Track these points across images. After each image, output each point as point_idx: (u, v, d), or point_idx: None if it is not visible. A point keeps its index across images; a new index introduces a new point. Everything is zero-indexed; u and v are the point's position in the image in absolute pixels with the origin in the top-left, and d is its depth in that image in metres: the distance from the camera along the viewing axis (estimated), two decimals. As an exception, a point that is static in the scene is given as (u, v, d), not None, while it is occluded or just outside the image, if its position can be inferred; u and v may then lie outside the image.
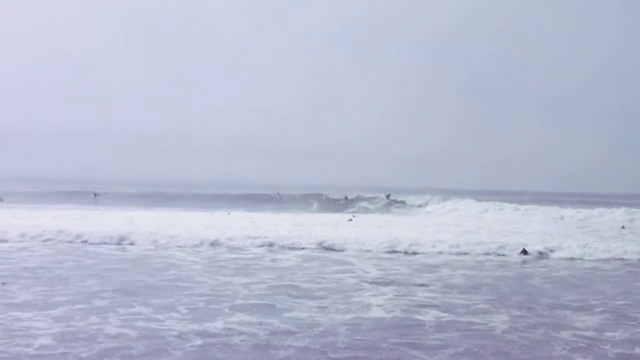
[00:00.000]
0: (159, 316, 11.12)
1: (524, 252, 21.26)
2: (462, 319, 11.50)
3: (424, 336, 10.24)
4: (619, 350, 9.51)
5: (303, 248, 21.37)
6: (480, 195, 63.49)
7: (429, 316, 11.69)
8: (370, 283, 15.29)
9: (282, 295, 13.32)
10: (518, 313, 12.14)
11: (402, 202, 52.01)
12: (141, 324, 10.55)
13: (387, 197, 54.28)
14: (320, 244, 21.71)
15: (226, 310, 11.76)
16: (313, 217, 37.60)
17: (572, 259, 20.48)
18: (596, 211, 44.23)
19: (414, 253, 20.93)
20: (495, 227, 32.29)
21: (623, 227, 36.01)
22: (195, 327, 10.43)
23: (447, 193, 59.15)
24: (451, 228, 30.56)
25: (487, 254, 21.11)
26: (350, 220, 34.91)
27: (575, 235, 28.33)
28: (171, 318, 11.01)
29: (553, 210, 45.16)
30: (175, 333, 10.00)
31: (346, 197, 53.14)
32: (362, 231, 25.96)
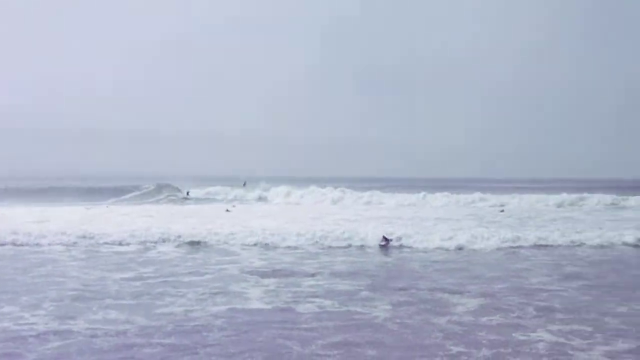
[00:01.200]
0: (25, 314, 10.63)
1: (385, 239, 20.71)
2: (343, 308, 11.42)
3: (304, 326, 10.09)
4: (493, 337, 9.54)
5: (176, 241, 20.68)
6: (376, 182, 64.43)
7: (310, 306, 11.55)
8: (253, 274, 15.05)
9: (158, 289, 12.93)
10: (400, 299, 12.14)
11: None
12: (4, 324, 10.04)
13: (244, 185, 54.45)
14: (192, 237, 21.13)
15: (94, 307, 11.25)
16: (190, 208, 37.37)
17: (442, 247, 20.28)
18: (476, 196, 45.36)
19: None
20: (365, 214, 32.58)
21: (502, 211, 37.20)
22: (57, 326, 9.94)
23: (350, 181, 59.75)
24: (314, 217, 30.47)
25: (349, 245, 20.49)
26: (228, 211, 34.52)
27: (453, 221, 28.80)
28: (35, 316, 10.49)
29: (430, 197, 46.21)
30: (34, 333, 9.51)
31: (187, 193, 51.64)
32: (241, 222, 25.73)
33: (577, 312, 11.18)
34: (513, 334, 9.67)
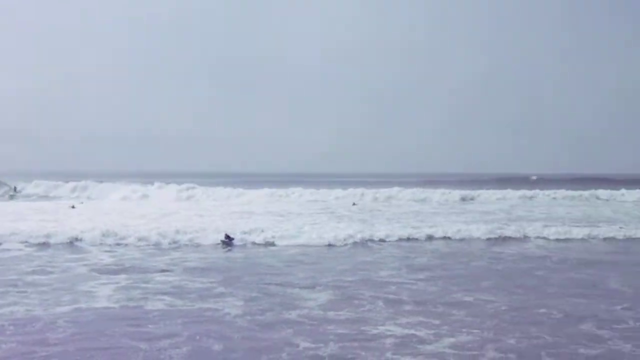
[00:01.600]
0: None
1: (227, 237, 20.08)
2: (195, 305, 11.26)
3: (151, 325, 9.87)
4: (341, 331, 9.60)
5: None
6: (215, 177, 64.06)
7: (160, 304, 11.31)
8: (102, 271, 14.63)
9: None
10: (252, 295, 12.08)
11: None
12: None
13: (83, 181, 52.23)
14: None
15: None
16: (31, 205, 35.93)
17: (301, 244, 19.94)
18: (329, 191, 45.84)
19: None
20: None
21: (354, 204, 37.87)
22: None
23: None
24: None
25: (199, 242, 19.79)
26: (74, 207, 33.20)
27: (305, 216, 29.04)
28: None
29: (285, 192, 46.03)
30: None
31: (15, 188, 47.48)
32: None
33: (424, 305, 11.41)
34: (362, 328, 9.76)
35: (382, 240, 20.72)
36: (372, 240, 20.63)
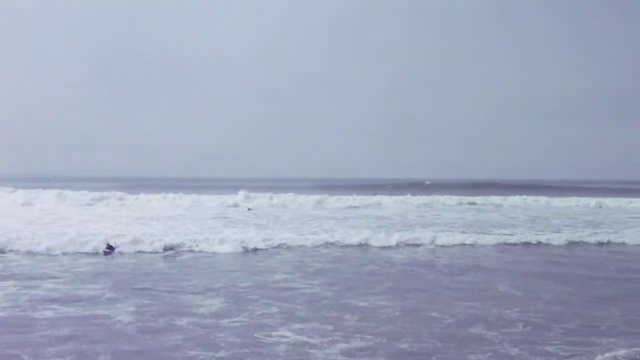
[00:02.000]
0: None
1: (109, 247, 19.07)
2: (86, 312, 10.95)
3: (38, 333, 9.55)
4: (233, 339, 9.48)
5: None
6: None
7: (48, 312, 10.95)
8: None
9: None
10: (144, 302, 11.83)
11: None
12: None
13: None
14: None
15: None
16: None
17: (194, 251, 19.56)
18: (219, 197, 45.31)
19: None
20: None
21: (250, 209, 37.83)
22: None
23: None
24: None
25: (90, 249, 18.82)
26: None
27: (200, 221, 28.78)
28: None
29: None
30: None
31: None
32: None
33: (319, 311, 11.40)
34: (255, 335, 9.66)
35: (278, 246, 20.63)
36: (267, 246, 20.52)
